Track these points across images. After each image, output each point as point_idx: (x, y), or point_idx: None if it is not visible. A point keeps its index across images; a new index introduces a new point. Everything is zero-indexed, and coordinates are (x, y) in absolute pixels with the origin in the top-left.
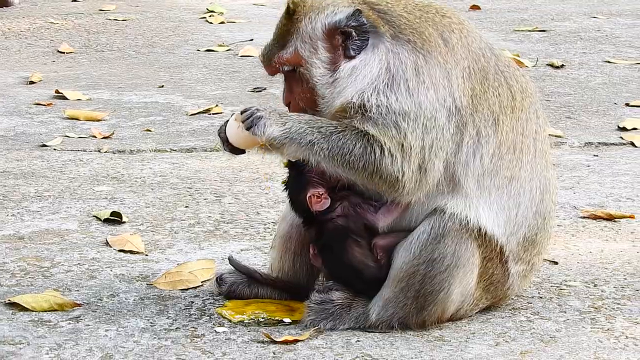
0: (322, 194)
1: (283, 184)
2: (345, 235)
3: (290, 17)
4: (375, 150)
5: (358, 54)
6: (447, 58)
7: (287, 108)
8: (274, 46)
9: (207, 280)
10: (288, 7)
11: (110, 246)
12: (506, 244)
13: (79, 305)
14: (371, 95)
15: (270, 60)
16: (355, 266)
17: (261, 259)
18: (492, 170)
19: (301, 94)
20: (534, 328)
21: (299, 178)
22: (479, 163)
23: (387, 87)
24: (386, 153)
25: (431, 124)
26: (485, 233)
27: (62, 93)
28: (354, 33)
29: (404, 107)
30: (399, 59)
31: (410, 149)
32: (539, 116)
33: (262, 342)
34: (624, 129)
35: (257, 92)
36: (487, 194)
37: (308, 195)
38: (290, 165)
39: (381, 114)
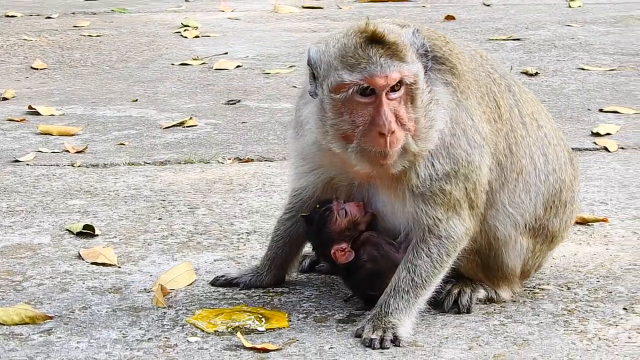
0: (346, 247)
1: (303, 219)
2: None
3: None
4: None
5: (430, 71)
6: (464, 98)
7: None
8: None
9: (189, 284)
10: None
11: (83, 259)
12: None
13: (51, 317)
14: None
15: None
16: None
17: (234, 269)
18: (503, 183)
19: (403, 116)
20: (507, 332)
21: (319, 235)
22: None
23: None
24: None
25: (471, 170)
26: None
27: (35, 109)
28: (428, 52)
29: (447, 171)
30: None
31: (461, 204)
32: (514, 92)
33: (235, 350)
34: (597, 135)
35: (231, 104)
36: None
37: (332, 251)
38: (307, 221)
39: (430, 191)
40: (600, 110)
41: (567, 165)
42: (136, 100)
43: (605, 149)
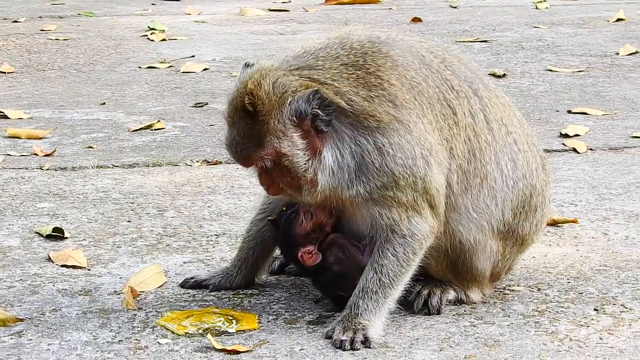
0: (312, 250)
1: (270, 222)
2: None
3: (253, 117)
4: (404, 241)
5: (329, 126)
6: (401, 117)
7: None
8: (245, 145)
9: (159, 287)
10: (245, 108)
11: (53, 262)
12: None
13: (21, 320)
14: (353, 186)
15: (248, 157)
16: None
17: (204, 271)
18: (465, 188)
19: (283, 179)
20: (477, 333)
21: (286, 238)
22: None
23: (362, 174)
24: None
25: (417, 179)
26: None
27: (3, 112)
28: (319, 112)
29: (384, 182)
30: (360, 147)
31: (419, 205)
32: (481, 97)
33: (206, 352)
34: (566, 136)
35: (199, 107)
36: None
37: (300, 254)
38: (274, 224)
39: (374, 198)
40: (569, 112)
41: (538, 171)
42: (104, 103)
43: (574, 150)
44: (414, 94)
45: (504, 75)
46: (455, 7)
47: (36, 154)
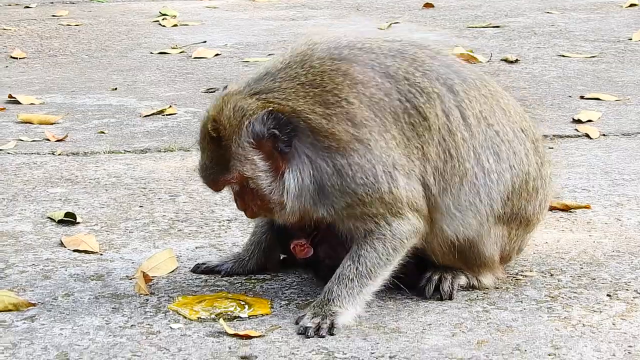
0: (305, 243)
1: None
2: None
3: (218, 142)
4: (388, 235)
5: (290, 146)
6: (361, 136)
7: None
8: (213, 169)
9: (171, 272)
10: (210, 134)
11: (65, 246)
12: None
13: (34, 305)
14: (318, 208)
15: (216, 182)
16: None
17: (216, 256)
18: (444, 188)
19: (254, 201)
20: (490, 318)
21: (281, 230)
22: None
23: (324, 197)
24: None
25: (383, 194)
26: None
27: (15, 98)
28: (277, 132)
29: (348, 202)
30: (319, 170)
31: (396, 209)
32: (456, 93)
33: (218, 337)
34: (578, 121)
35: (210, 92)
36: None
37: (292, 245)
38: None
39: (344, 215)
40: (582, 97)
41: (529, 157)
42: (116, 88)
43: (587, 135)
44: (374, 111)
45: (517, 60)
46: None
47: (48, 140)
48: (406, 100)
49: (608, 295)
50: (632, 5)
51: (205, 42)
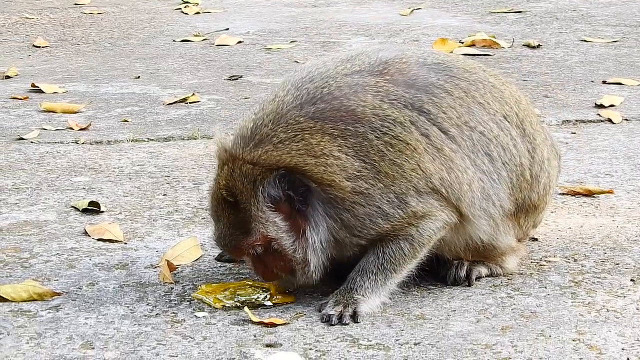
0: None
1: None
2: None
3: (235, 207)
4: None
5: (307, 204)
6: (358, 188)
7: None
8: (234, 235)
9: (196, 260)
10: (227, 200)
11: (89, 236)
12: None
13: (59, 294)
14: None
15: (239, 247)
16: None
17: None
18: (458, 197)
19: (275, 263)
20: (514, 304)
21: None
22: None
23: (345, 245)
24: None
25: (400, 219)
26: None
27: (38, 87)
28: (292, 194)
29: (374, 236)
30: (334, 223)
31: (421, 214)
32: (428, 112)
33: (243, 325)
34: (601, 107)
35: (233, 80)
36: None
37: None
38: None
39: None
40: (604, 82)
41: (518, 148)
42: (139, 77)
43: (610, 120)
44: (362, 159)
45: (539, 46)
46: None
47: (72, 129)
48: (384, 134)
49: (632, 280)
50: None
51: (227, 29)
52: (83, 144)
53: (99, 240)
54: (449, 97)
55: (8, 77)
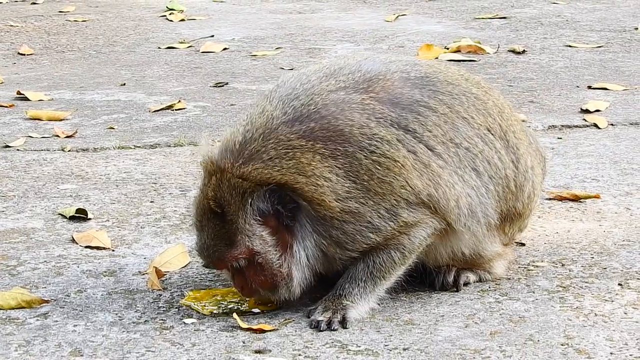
0: None
1: None
2: None
3: (221, 218)
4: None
5: (294, 220)
6: (349, 208)
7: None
8: (217, 246)
9: (184, 267)
10: (213, 210)
11: (77, 243)
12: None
13: (47, 301)
14: (335, 265)
15: (222, 259)
16: None
17: None
18: (445, 211)
19: (256, 277)
20: (502, 309)
21: None
22: None
23: (334, 259)
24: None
25: (391, 230)
26: None
27: (23, 94)
28: (280, 209)
29: (365, 248)
30: (322, 240)
31: (410, 224)
32: (413, 130)
33: (231, 331)
34: (586, 111)
35: (219, 87)
36: None
37: None
38: None
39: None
40: (589, 87)
41: (502, 160)
42: (124, 84)
43: (595, 125)
44: (352, 179)
45: (524, 51)
46: None
47: (57, 136)
48: (371, 153)
49: (619, 284)
50: None
51: (212, 36)
52: (69, 151)
53: (86, 247)
54: (433, 115)
55: None
